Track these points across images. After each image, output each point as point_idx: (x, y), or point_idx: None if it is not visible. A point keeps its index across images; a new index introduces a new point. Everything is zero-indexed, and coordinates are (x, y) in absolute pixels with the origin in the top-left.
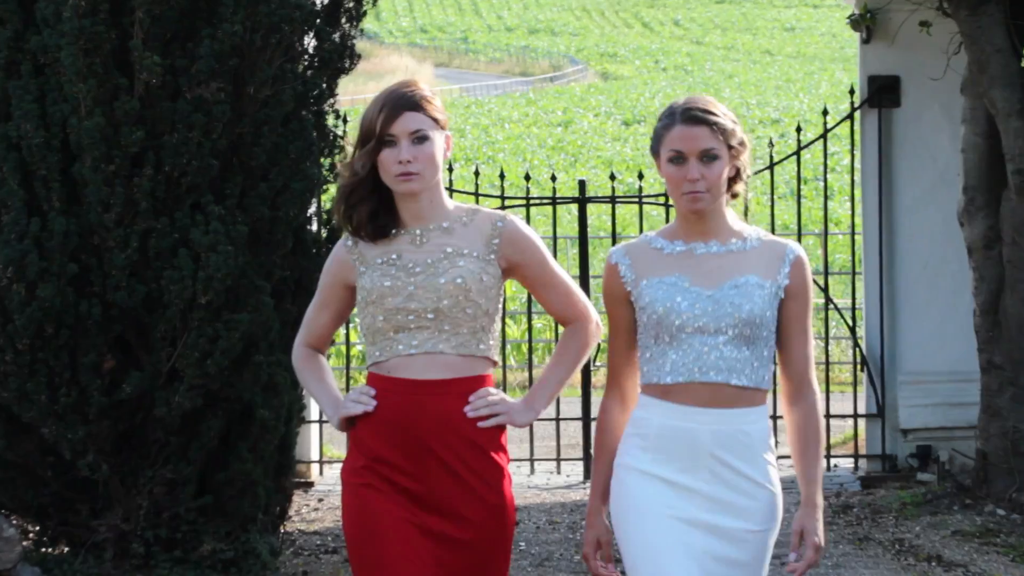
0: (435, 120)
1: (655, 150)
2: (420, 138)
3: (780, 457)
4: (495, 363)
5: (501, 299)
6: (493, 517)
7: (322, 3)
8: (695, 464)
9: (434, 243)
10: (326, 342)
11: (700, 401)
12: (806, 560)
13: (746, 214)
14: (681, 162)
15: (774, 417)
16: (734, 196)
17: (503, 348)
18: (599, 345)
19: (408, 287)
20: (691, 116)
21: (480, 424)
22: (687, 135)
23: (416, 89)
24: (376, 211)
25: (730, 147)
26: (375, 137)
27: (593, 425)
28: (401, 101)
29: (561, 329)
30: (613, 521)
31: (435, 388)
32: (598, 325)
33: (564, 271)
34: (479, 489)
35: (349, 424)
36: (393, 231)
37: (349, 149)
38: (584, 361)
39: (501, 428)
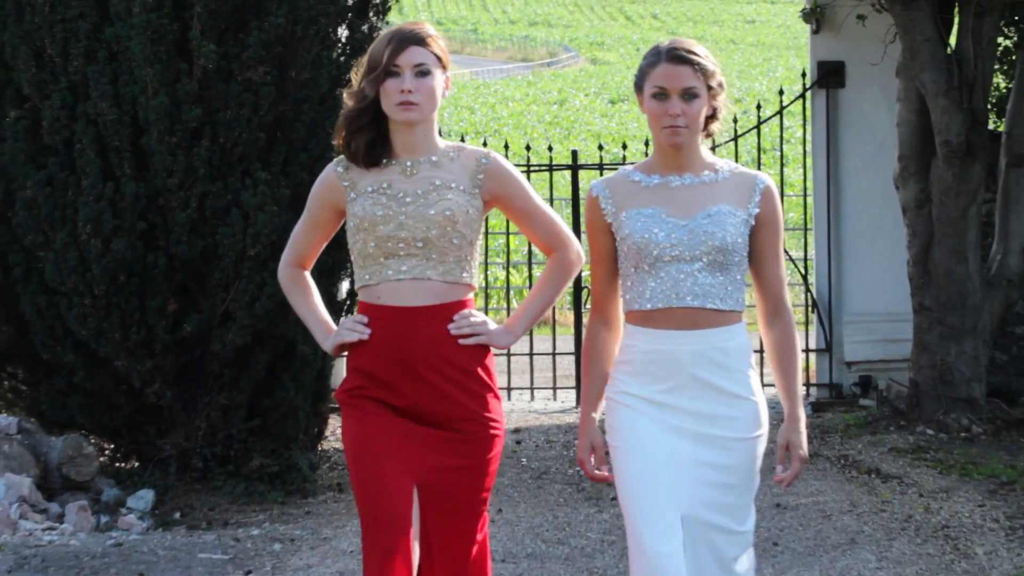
0: (437, 57)
1: (639, 86)
2: (422, 72)
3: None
4: (473, 288)
5: (482, 230)
6: (479, 425)
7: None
8: (678, 383)
9: (423, 175)
10: (312, 260)
11: (679, 324)
12: (793, 471)
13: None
14: (664, 98)
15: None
16: (708, 135)
17: (508, 294)
18: (589, 290)
19: (399, 216)
20: (675, 55)
21: (462, 342)
22: (671, 73)
23: (422, 27)
24: (374, 140)
25: (709, 87)
26: (381, 67)
27: None
28: (408, 36)
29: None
30: (608, 443)
31: (423, 314)
32: (579, 253)
33: (545, 203)
34: (465, 402)
35: (341, 349)
36: (385, 161)
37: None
38: (566, 288)
39: (486, 351)
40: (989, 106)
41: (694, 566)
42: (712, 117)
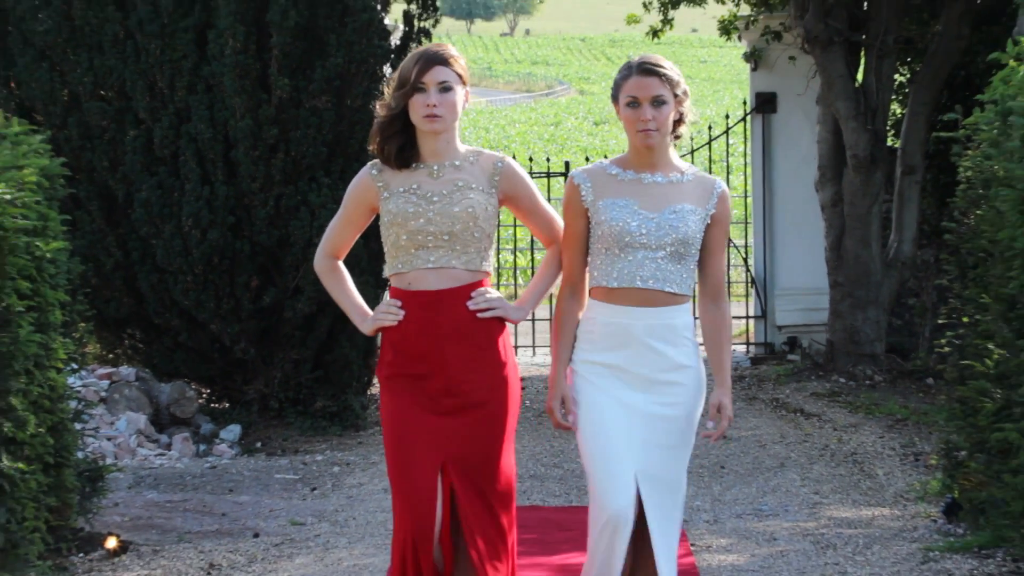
0: (459, 75)
1: (615, 97)
2: (445, 88)
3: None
4: (490, 274)
5: (497, 223)
6: (497, 388)
7: (396, 44)
8: (634, 351)
9: (448, 177)
10: (345, 251)
11: (637, 301)
12: (720, 429)
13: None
14: (636, 106)
15: None
16: (677, 137)
17: (515, 273)
18: None
19: (428, 213)
20: (645, 68)
21: (480, 315)
22: (641, 84)
23: (446, 49)
24: (404, 146)
25: (675, 95)
26: (409, 84)
27: None
28: (433, 57)
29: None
30: (575, 403)
31: (447, 296)
32: None
33: (547, 203)
34: (485, 368)
35: (377, 331)
36: (414, 164)
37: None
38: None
39: (503, 327)
40: (888, 127)
41: (647, 513)
42: (680, 121)
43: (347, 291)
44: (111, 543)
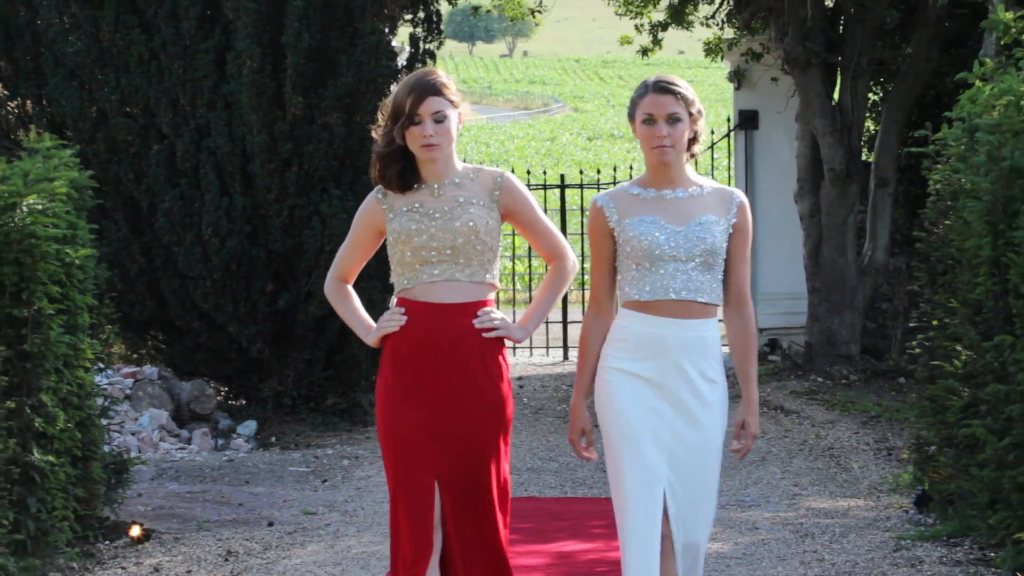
0: (451, 102)
1: (631, 115)
2: (439, 119)
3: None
4: (496, 287)
5: (500, 238)
6: (493, 404)
7: (402, 64)
8: (664, 364)
9: (449, 195)
10: (354, 275)
11: (670, 313)
12: (745, 446)
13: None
14: (652, 123)
15: None
16: (692, 156)
17: (513, 279)
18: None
19: (430, 229)
20: (660, 87)
21: (484, 335)
22: (657, 102)
23: (437, 77)
24: (404, 170)
25: (690, 114)
26: (404, 116)
27: (570, 328)
28: (426, 88)
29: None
30: (597, 410)
31: (453, 310)
32: (574, 262)
33: (548, 219)
34: (483, 384)
35: (382, 341)
36: (416, 185)
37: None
38: (565, 290)
39: (501, 343)
40: (862, 143)
41: (674, 523)
42: (693, 140)
43: (354, 310)
44: (135, 531)
